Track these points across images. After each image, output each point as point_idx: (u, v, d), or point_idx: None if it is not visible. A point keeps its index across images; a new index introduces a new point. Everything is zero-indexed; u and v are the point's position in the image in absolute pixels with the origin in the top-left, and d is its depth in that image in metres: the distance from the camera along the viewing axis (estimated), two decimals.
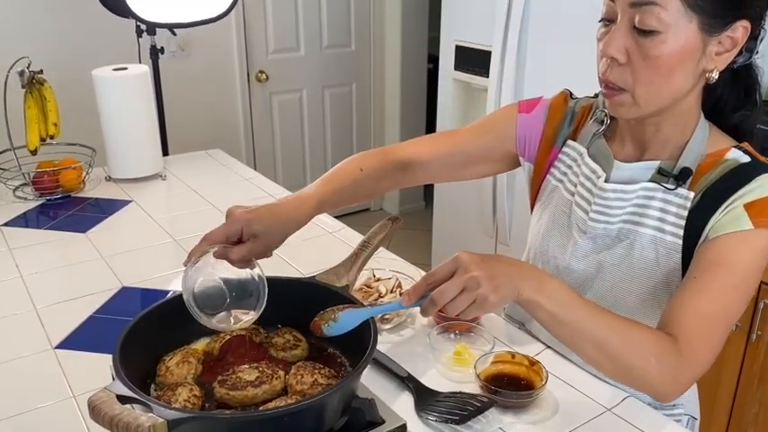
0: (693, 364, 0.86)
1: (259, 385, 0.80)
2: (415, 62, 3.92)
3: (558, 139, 1.10)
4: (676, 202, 0.94)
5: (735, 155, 0.92)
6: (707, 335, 0.87)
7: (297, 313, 0.94)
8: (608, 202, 0.98)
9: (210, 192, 1.84)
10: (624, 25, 0.86)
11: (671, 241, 0.94)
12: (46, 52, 2.38)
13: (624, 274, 0.99)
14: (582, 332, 0.84)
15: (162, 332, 0.88)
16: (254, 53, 3.42)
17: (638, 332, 0.85)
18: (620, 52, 0.86)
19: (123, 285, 1.33)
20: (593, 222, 1.01)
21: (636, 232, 0.97)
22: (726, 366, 1.95)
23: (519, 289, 0.82)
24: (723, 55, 0.87)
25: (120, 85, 1.83)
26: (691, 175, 0.93)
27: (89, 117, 1.99)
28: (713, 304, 0.87)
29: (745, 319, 1.88)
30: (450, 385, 1.00)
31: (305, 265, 1.40)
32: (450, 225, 2.89)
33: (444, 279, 0.80)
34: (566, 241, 1.06)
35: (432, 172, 1.19)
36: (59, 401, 0.99)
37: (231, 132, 3.43)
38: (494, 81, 2.39)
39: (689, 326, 0.86)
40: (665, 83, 0.87)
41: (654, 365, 0.84)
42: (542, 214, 1.12)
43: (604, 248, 1.00)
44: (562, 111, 1.12)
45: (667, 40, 0.84)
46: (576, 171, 1.05)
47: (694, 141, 0.94)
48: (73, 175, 1.80)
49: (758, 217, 0.87)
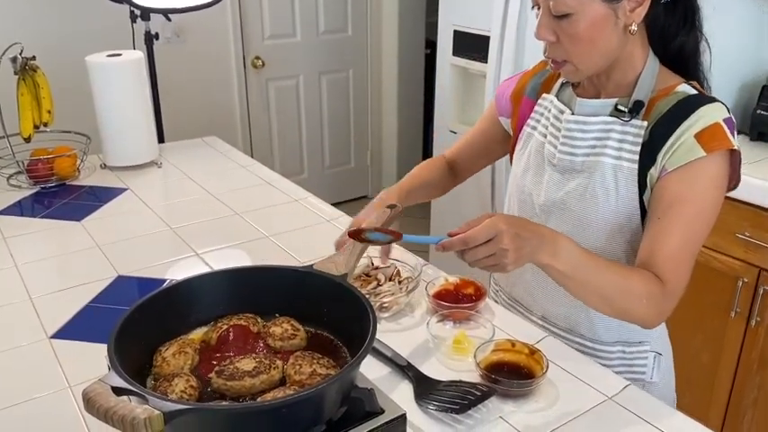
0: (673, 296, 0.99)
1: (257, 375, 0.79)
2: (413, 48, 3.89)
3: (528, 88, 1.21)
4: (632, 132, 1.02)
5: (684, 88, 1.02)
6: (680, 269, 0.98)
7: (295, 302, 0.93)
8: (571, 133, 1.08)
9: (207, 179, 1.82)
10: (546, 11, 0.98)
11: (628, 167, 1.02)
12: (39, 38, 2.35)
13: (588, 202, 1.06)
14: (587, 286, 0.96)
15: (158, 322, 0.86)
16: (250, 39, 3.39)
17: (632, 280, 0.96)
18: (549, 34, 0.99)
19: (119, 274, 1.32)
20: (560, 155, 1.09)
21: (598, 162, 1.05)
22: (725, 352, 1.95)
23: (536, 257, 0.92)
24: (636, 9, 0.97)
25: (114, 72, 1.81)
26: (643, 106, 1.02)
27: (83, 104, 1.97)
28: (680, 240, 0.98)
29: (744, 305, 1.88)
30: (449, 374, 1.00)
31: (303, 253, 1.39)
32: (448, 212, 2.87)
33: (481, 242, 0.88)
34: (540, 178, 1.14)
35: (468, 164, 1.38)
36: (55, 392, 0.98)
37: (227, 119, 3.40)
38: (492, 66, 2.37)
39: (666, 268, 0.97)
40: (592, 50, 0.99)
41: (644, 305, 0.97)
42: (520, 159, 1.21)
43: (572, 179, 1.09)
44: (535, 71, 1.23)
45: (579, 19, 0.95)
46: (547, 116, 1.15)
47: (644, 77, 1.03)
48: (67, 163, 1.79)
49: (709, 143, 0.96)
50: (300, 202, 1.69)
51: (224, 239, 1.48)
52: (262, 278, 0.94)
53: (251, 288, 0.94)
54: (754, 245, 1.82)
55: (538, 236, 0.92)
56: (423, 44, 3.94)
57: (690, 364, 2.01)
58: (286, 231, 1.51)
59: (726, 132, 0.97)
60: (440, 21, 2.65)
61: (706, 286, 1.94)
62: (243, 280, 0.94)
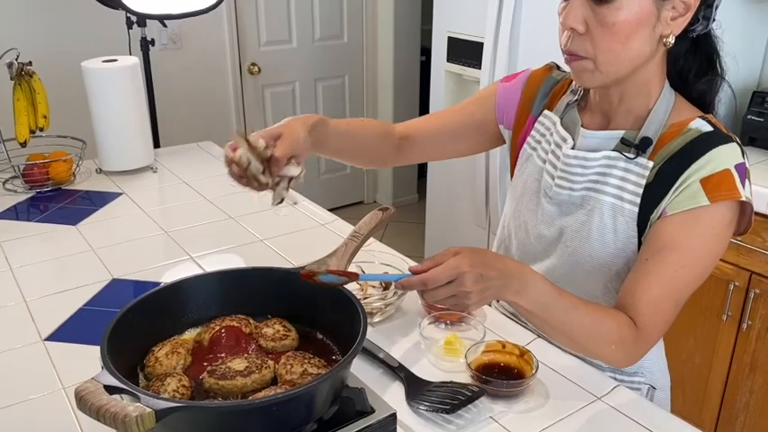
0: (646, 343, 0.95)
1: (248, 375, 0.79)
2: (408, 54, 3.91)
3: (534, 107, 1.14)
4: (635, 171, 0.96)
5: (698, 124, 0.94)
6: (658, 318, 0.94)
7: (287, 304, 0.94)
8: (570, 168, 1.02)
9: (202, 184, 1.83)
10: None
11: (628, 209, 0.97)
12: (35, 44, 2.36)
13: (584, 239, 1.02)
14: (554, 325, 0.93)
15: (151, 323, 0.87)
16: (246, 45, 3.41)
17: (603, 324, 0.93)
18: (579, 22, 0.90)
19: (114, 277, 1.32)
20: (557, 188, 1.04)
21: (597, 199, 1.00)
22: (717, 355, 1.96)
23: (501, 296, 0.89)
24: (677, 20, 0.90)
25: (109, 77, 1.82)
26: (651, 144, 0.96)
27: (79, 109, 1.98)
28: (664, 288, 0.93)
29: (735, 309, 1.89)
30: (440, 375, 1.01)
31: (297, 256, 1.40)
32: (443, 217, 2.89)
33: (441, 284, 0.85)
34: (535, 207, 1.10)
35: (426, 147, 1.24)
36: (49, 393, 0.98)
37: (223, 125, 3.42)
38: (486, 73, 2.39)
39: (643, 312, 0.93)
40: (623, 49, 0.90)
41: (612, 350, 0.94)
42: (518, 181, 1.15)
43: (567, 214, 1.04)
44: (541, 80, 1.15)
45: (622, 7, 0.87)
46: (548, 139, 1.08)
47: (657, 111, 0.97)
48: (63, 168, 1.79)
49: (714, 192, 0.90)
50: (295, 206, 1.69)
51: (219, 243, 1.48)
52: (254, 280, 0.96)
53: (243, 289, 0.95)
54: (746, 249, 1.84)
55: (503, 275, 0.88)
56: (418, 51, 3.96)
57: (683, 367, 2.03)
58: (280, 235, 1.52)
59: (735, 181, 0.90)
60: (434, 27, 2.67)
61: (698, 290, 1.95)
62: (235, 281, 0.95)
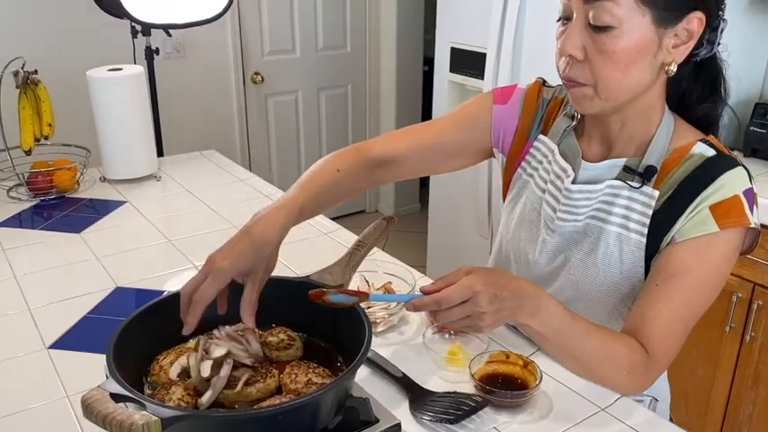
0: (657, 369, 0.95)
1: (253, 384, 0.80)
2: (411, 64, 3.93)
3: (532, 133, 1.11)
4: (641, 200, 0.95)
5: (700, 149, 0.94)
6: (669, 342, 0.94)
7: (291, 313, 0.94)
8: (574, 202, 1.00)
9: (205, 193, 1.84)
10: (579, 22, 0.87)
11: (635, 239, 0.96)
12: (41, 52, 2.37)
13: (589, 269, 1.01)
14: (565, 350, 0.94)
15: (156, 331, 0.87)
16: (250, 55, 3.42)
17: (615, 350, 0.93)
18: (578, 49, 0.88)
19: (117, 286, 1.33)
20: (560, 222, 1.03)
21: (601, 229, 0.99)
22: (720, 367, 1.96)
23: (515, 318, 0.89)
24: (680, 47, 0.89)
25: (114, 86, 1.83)
26: (655, 173, 0.94)
27: (83, 117, 1.99)
28: (675, 313, 0.92)
29: (738, 321, 1.89)
30: (444, 385, 1.00)
31: (300, 265, 1.40)
32: (445, 226, 2.89)
33: (455, 304, 0.83)
34: (535, 236, 1.08)
35: (409, 167, 1.17)
36: (52, 401, 0.98)
37: (226, 134, 3.43)
38: (488, 83, 2.40)
39: (654, 338, 0.92)
40: (623, 77, 0.88)
41: (623, 376, 0.93)
42: (514, 207, 1.13)
43: (572, 244, 1.03)
44: (536, 103, 1.12)
45: (622, 35, 0.85)
46: (546, 168, 1.06)
47: (659, 137, 0.96)
48: (67, 176, 1.80)
49: (723, 218, 0.89)
50: None
51: None
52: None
53: None
54: (749, 260, 1.84)
55: (518, 296, 0.86)
56: (420, 61, 3.98)
57: (685, 379, 2.02)
58: (284, 244, 1.51)
59: (744, 207, 0.90)
60: (437, 38, 2.69)
61: None
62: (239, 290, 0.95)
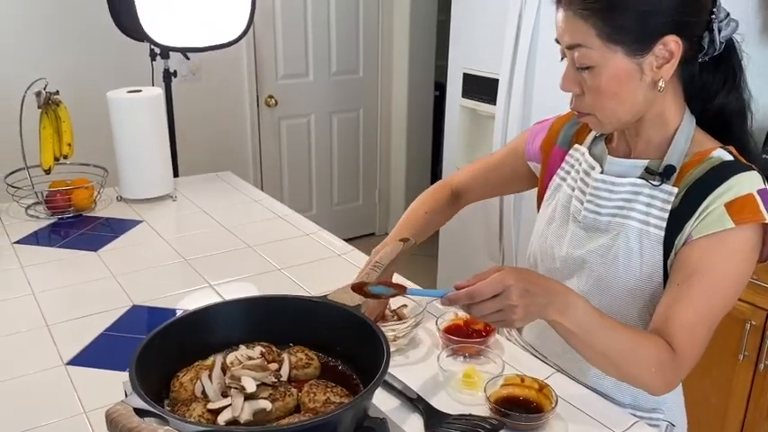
0: (683, 368, 0.96)
1: (272, 402, 0.80)
2: (422, 90, 3.97)
3: (560, 138, 1.20)
4: (661, 197, 1.00)
5: (719, 153, 0.98)
6: (694, 341, 0.95)
7: (309, 332, 0.95)
8: (598, 192, 1.06)
9: (220, 213, 1.86)
10: (570, 63, 0.98)
11: (654, 233, 1.00)
12: (62, 74, 2.42)
13: (609, 264, 1.04)
14: (595, 347, 0.94)
15: (176, 348, 0.89)
16: (264, 78, 3.47)
17: (643, 347, 0.94)
18: (574, 85, 0.99)
19: (134, 304, 1.34)
20: (585, 212, 1.07)
21: (623, 225, 1.03)
22: (733, 397, 1.94)
23: (545, 314, 0.91)
24: (664, 66, 0.94)
25: (133, 107, 1.86)
26: (674, 171, 0.99)
27: (101, 137, 2.02)
28: (698, 312, 0.95)
29: (752, 349, 1.87)
30: (459, 407, 1.01)
31: (314, 285, 1.41)
32: (456, 250, 2.89)
33: (487, 297, 0.87)
34: (563, 231, 1.12)
35: (475, 195, 1.37)
36: (70, 417, 0.99)
37: (240, 155, 3.46)
38: (501, 108, 2.42)
39: (679, 337, 0.94)
40: (616, 105, 0.97)
41: (652, 374, 0.95)
42: (546, 209, 1.19)
43: (596, 238, 1.06)
44: (567, 119, 1.22)
45: (602, 72, 0.94)
46: (578, 169, 1.13)
47: (678, 140, 1.00)
48: (85, 195, 1.83)
49: (738, 215, 0.92)
50: (311, 236, 1.71)
51: (237, 271, 1.50)
52: (277, 307, 0.97)
53: (266, 317, 0.96)
54: (762, 288, 1.83)
55: (548, 292, 0.90)
56: (432, 86, 4.02)
57: (698, 408, 2.00)
58: (297, 264, 1.54)
59: (759, 204, 0.92)
60: (450, 63, 2.72)
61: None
62: (259, 309, 0.97)
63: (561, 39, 0.98)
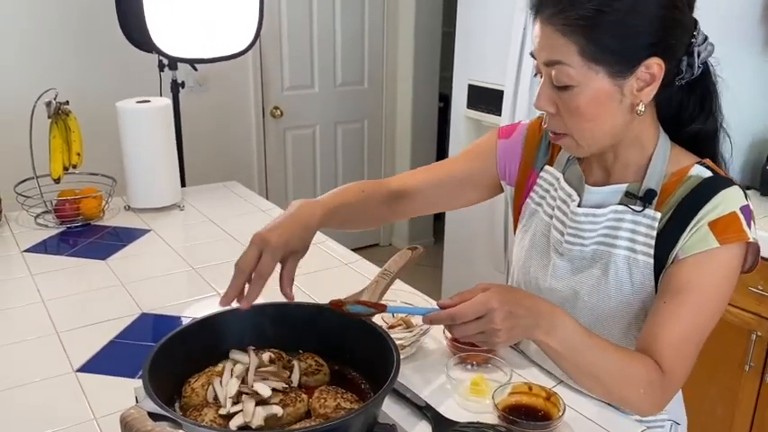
0: (672, 387, 0.95)
1: (284, 408, 0.81)
2: (427, 101, 4.00)
3: (537, 163, 1.15)
4: (645, 222, 0.98)
5: (697, 170, 0.97)
6: (682, 359, 0.95)
7: (318, 339, 0.96)
8: (580, 225, 1.03)
9: (227, 222, 1.87)
10: (547, 81, 0.93)
11: (643, 261, 0.98)
12: (72, 84, 2.44)
13: (602, 294, 1.02)
14: (583, 368, 0.92)
15: (188, 354, 0.89)
16: (270, 89, 3.50)
17: (633, 368, 0.93)
18: (550, 105, 0.94)
19: (143, 311, 1.35)
20: (568, 245, 1.05)
21: (610, 253, 1.01)
22: (739, 407, 1.94)
23: (530, 335, 0.89)
24: (645, 89, 0.92)
25: (142, 118, 1.88)
26: (655, 195, 0.98)
27: (110, 147, 2.04)
28: (685, 329, 0.94)
29: (758, 360, 1.87)
30: (467, 415, 1.01)
31: (320, 294, 1.42)
32: (461, 261, 2.90)
33: (470, 319, 0.85)
34: (546, 262, 1.10)
35: (424, 200, 1.22)
36: (81, 423, 1.00)
37: (245, 165, 3.48)
38: (506, 119, 2.43)
39: (667, 356, 0.93)
40: (594, 126, 0.93)
41: (641, 395, 0.93)
42: (524, 237, 1.16)
43: (581, 270, 1.05)
44: (538, 134, 1.16)
45: (582, 92, 0.90)
46: (553, 195, 1.10)
47: (656, 162, 0.99)
48: (93, 204, 1.84)
49: (723, 234, 0.92)
50: (318, 245, 1.72)
51: None
52: (287, 314, 0.98)
53: (277, 324, 0.97)
54: (767, 298, 1.83)
55: (533, 313, 0.88)
56: (436, 97, 4.04)
57: (705, 418, 2.00)
58: (304, 273, 1.54)
59: (742, 223, 0.93)
60: (455, 75, 2.74)
61: (719, 339, 1.94)
62: (270, 316, 0.97)
63: (538, 54, 0.93)
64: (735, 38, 2.10)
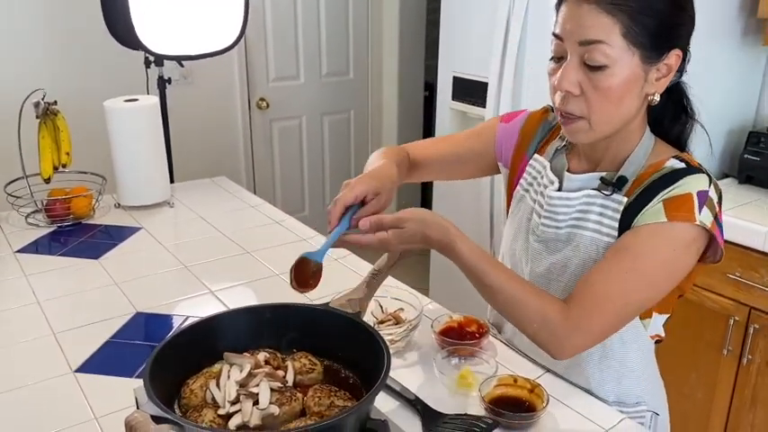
0: (578, 333, 0.97)
1: (280, 407, 0.84)
2: (412, 90, 4.02)
3: (530, 148, 1.21)
4: (612, 206, 1.03)
5: (671, 163, 1.01)
6: (597, 313, 0.96)
7: (312, 338, 0.99)
8: (555, 208, 1.09)
9: (217, 219, 1.89)
10: (575, 61, 0.95)
11: (607, 242, 1.03)
12: (58, 83, 2.44)
13: (572, 274, 1.07)
14: (483, 290, 1.01)
15: (185, 356, 0.92)
16: (255, 81, 3.50)
17: (529, 301, 0.98)
18: (574, 86, 0.96)
19: (137, 311, 1.37)
20: (543, 227, 1.11)
21: (579, 235, 1.06)
22: (718, 390, 2.01)
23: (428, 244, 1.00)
24: (662, 80, 0.98)
25: (131, 116, 1.89)
26: (626, 182, 1.02)
27: (99, 146, 2.05)
28: (608, 284, 0.96)
29: (735, 344, 1.94)
30: (455, 407, 1.05)
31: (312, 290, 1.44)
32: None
33: None
34: (526, 245, 1.16)
35: (430, 172, 1.36)
36: (82, 423, 1.03)
37: (232, 158, 3.49)
38: (490, 112, 2.46)
39: (581, 298, 0.97)
40: (615, 109, 0.97)
41: (534, 329, 0.99)
42: (512, 221, 1.22)
43: (556, 251, 1.10)
44: (538, 122, 1.22)
45: (615, 73, 0.93)
46: (539, 182, 1.15)
47: (636, 154, 1.03)
48: (84, 203, 1.86)
49: (673, 211, 0.95)
50: (308, 241, 1.75)
51: (236, 277, 1.54)
52: (281, 315, 1.01)
53: (271, 324, 1.00)
54: (745, 284, 1.89)
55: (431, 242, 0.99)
56: (422, 87, 4.06)
57: (685, 402, 2.06)
58: None
59: (693, 204, 0.95)
60: (439, 67, 2.76)
61: (699, 325, 2.00)
62: (263, 317, 1.00)
63: (572, 33, 0.94)
64: (713, 30, 2.14)
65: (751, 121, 2.40)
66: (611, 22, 0.91)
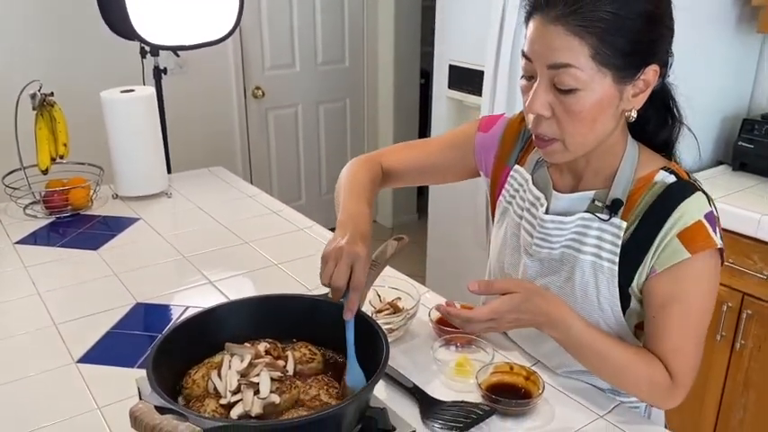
0: (683, 388, 1.02)
1: (281, 395, 0.86)
2: (408, 78, 4.02)
3: (510, 159, 1.18)
4: (611, 231, 1.00)
5: (662, 176, 0.99)
6: (686, 359, 1.01)
7: (312, 328, 1.01)
8: (548, 231, 1.06)
9: (215, 209, 1.90)
10: (544, 84, 0.91)
11: (608, 267, 1.01)
12: (56, 74, 2.43)
13: (568, 296, 1.05)
14: (587, 363, 1.03)
15: (187, 347, 0.94)
16: (251, 70, 3.50)
17: (636, 368, 1.00)
18: (545, 108, 0.92)
19: (137, 301, 1.39)
20: (536, 248, 1.08)
21: (576, 258, 1.04)
22: (711, 374, 2.03)
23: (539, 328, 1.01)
24: (639, 96, 0.94)
25: (127, 107, 1.90)
26: (621, 205, 0.99)
27: (96, 137, 2.05)
28: (679, 336, 0.99)
29: (728, 329, 1.96)
30: (452, 394, 1.07)
31: (311, 279, 1.46)
32: (444, 237, 2.96)
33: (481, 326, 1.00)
34: (517, 261, 1.14)
35: (406, 180, 1.33)
36: (86, 412, 1.04)
37: (228, 147, 3.50)
38: (486, 100, 2.47)
39: (670, 359, 1.00)
40: (589, 131, 0.93)
41: (644, 392, 1.03)
42: (498, 231, 1.20)
43: (550, 272, 1.08)
44: (516, 131, 1.18)
45: (586, 96, 0.89)
46: (522, 196, 1.13)
47: (623, 170, 1.00)
48: (82, 194, 1.86)
49: (692, 244, 0.94)
50: (306, 230, 1.77)
51: (235, 267, 1.55)
52: (282, 305, 1.03)
53: (271, 315, 1.01)
54: (738, 271, 1.91)
55: (539, 323, 0.99)
56: (417, 75, 4.06)
57: None
58: (293, 259, 1.59)
59: (708, 231, 0.94)
60: (435, 55, 2.76)
61: None
62: (264, 307, 1.02)
63: (539, 56, 0.90)
64: (708, 17, 2.15)
65: (745, 109, 2.41)
66: (579, 44, 0.87)
